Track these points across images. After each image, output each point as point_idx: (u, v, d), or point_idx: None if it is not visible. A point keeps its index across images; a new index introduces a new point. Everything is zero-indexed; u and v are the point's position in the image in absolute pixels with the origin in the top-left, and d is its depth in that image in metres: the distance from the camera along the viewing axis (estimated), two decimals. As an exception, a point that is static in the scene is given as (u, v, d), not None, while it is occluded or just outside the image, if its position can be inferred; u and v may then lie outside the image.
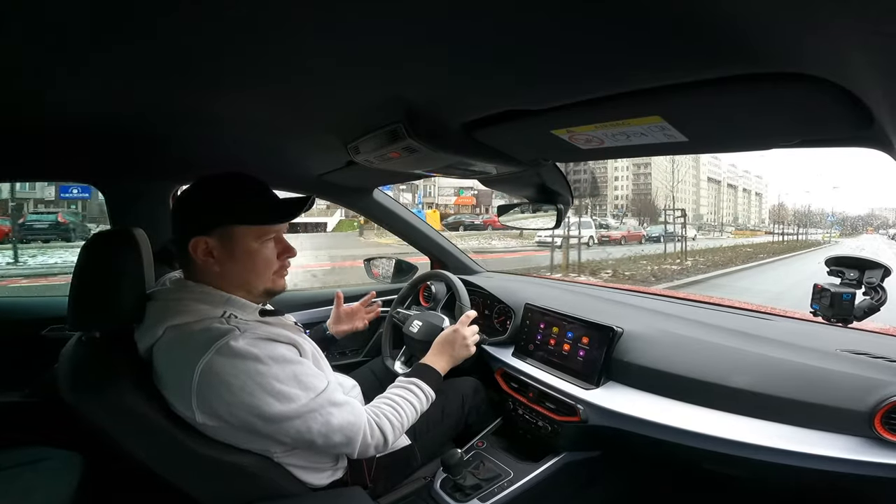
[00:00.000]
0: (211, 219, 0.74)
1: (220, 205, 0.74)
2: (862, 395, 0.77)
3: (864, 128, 0.51)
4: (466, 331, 1.07)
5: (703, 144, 0.69)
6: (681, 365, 0.96)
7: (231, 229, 0.74)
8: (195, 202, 0.76)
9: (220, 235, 0.74)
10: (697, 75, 0.47)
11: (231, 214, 0.74)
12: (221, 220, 0.74)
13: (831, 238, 33.73)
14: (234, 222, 0.74)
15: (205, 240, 0.73)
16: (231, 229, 0.74)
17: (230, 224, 0.74)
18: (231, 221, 0.74)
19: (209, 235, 0.73)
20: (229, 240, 0.74)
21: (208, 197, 0.75)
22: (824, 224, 56.56)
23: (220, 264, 0.75)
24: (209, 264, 0.74)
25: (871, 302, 0.76)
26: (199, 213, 0.74)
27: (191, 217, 0.75)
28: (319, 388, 0.74)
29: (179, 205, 0.77)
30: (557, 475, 1.07)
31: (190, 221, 0.74)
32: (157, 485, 0.70)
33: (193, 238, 0.73)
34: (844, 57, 0.38)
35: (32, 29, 0.45)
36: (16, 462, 0.94)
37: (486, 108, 0.67)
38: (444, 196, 34.83)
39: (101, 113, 0.76)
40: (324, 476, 0.83)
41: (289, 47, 0.48)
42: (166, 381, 0.71)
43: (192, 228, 0.73)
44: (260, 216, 0.75)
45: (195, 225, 0.74)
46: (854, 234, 52.24)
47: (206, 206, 0.74)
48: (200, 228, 0.73)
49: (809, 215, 62.22)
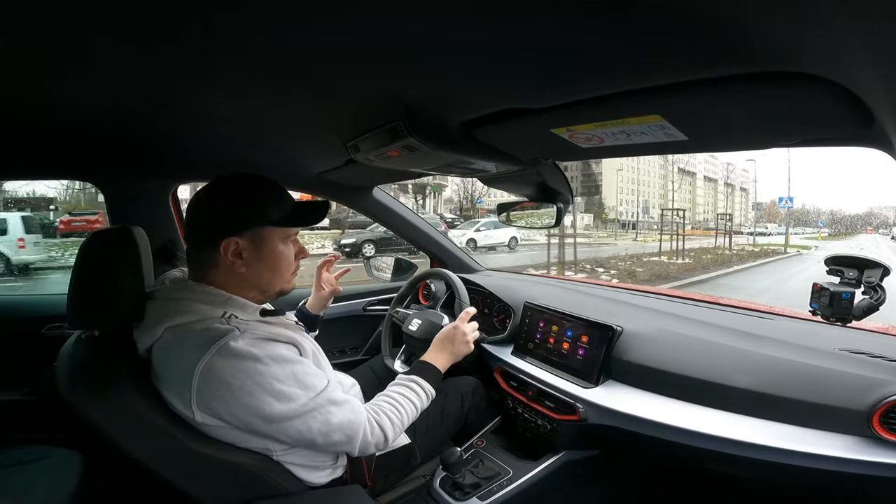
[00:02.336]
0: (243, 220, 0.75)
1: (252, 206, 0.75)
2: (860, 394, 0.77)
3: (864, 127, 0.51)
4: (466, 327, 1.07)
5: (703, 143, 0.69)
6: (680, 364, 0.96)
7: (261, 230, 0.75)
8: (223, 203, 0.76)
9: (251, 237, 0.75)
10: (698, 74, 0.47)
11: (263, 216, 0.75)
12: (254, 222, 0.75)
13: (813, 245, 22.06)
14: (267, 224, 0.75)
15: (236, 240, 0.74)
16: (261, 230, 0.75)
17: (262, 226, 0.75)
18: (264, 223, 0.75)
19: (240, 236, 0.74)
20: (259, 241, 0.76)
21: (238, 198, 0.76)
22: (812, 223, 54.06)
23: (248, 265, 0.75)
24: (237, 265, 0.75)
25: (871, 301, 0.76)
26: (230, 215, 0.75)
27: (219, 218, 0.75)
28: (319, 387, 0.74)
29: (201, 205, 0.76)
30: (556, 474, 1.07)
31: (218, 222, 0.75)
32: (155, 483, 0.70)
33: (225, 239, 0.73)
34: (845, 56, 0.38)
35: (32, 28, 0.44)
36: (15, 461, 0.94)
37: (486, 107, 0.67)
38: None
39: (101, 112, 0.76)
40: (323, 474, 0.83)
41: (289, 46, 0.48)
42: (166, 381, 0.71)
43: (222, 229, 0.74)
44: (291, 219, 0.77)
45: (225, 226, 0.74)
46: (849, 234, 46.99)
47: (237, 208, 0.75)
48: (232, 230, 0.74)
49: (795, 214, 58.90)
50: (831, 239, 41.05)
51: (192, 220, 0.77)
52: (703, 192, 71.91)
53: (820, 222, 59.92)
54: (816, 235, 43.17)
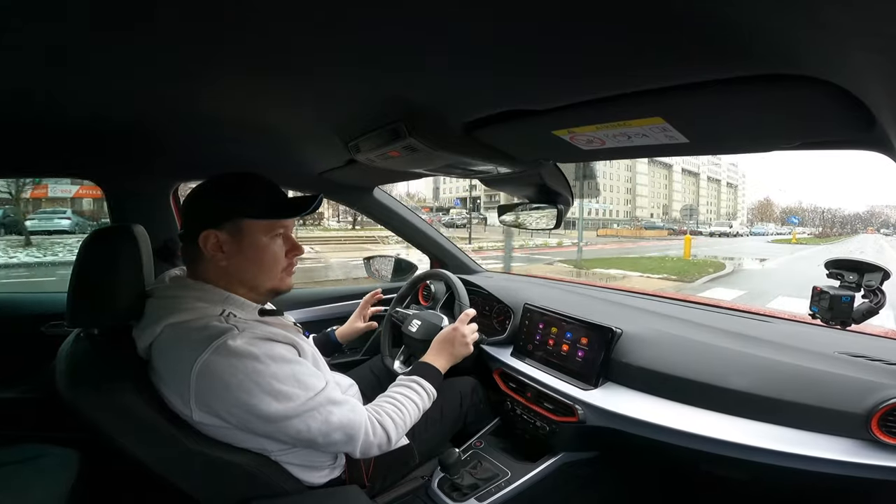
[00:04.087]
0: (221, 212, 0.75)
1: (229, 198, 0.76)
2: (860, 397, 0.77)
3: (865, 130, 0.51)
4: (465, 329, 1.07)
5: (704, 146, 0.69)
6: (679, 366, 0.96)
7: (240, 223, 0.75)
8: (206, 197, 0.77)
9: (230, 229, 0.75)
10: (699, 77, 0.47)
11: (240, 208, 0.75)
12: (231, 214, 0.75)
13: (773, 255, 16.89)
14: (243, 215, 0.75)
15: (215, 233, 0.74)
16: (240, 223, 0.75)
17: (239, 217, 0.75)
18: (240, 214, 0.75)
19: (219, 229, 0.74)
20: (238, 233, 0.75)
21: (219, 191, 0.77)
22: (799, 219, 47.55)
23: (229, 258, 0.76)
24: (218, 258, 0.75)
25: (870, 305, 0.76)
26: (210, 208, 0.76)
27: (201, 211, 0.76)
28: (318, 386, 0.74)
29: (190, 200, 0.78)
30: (555, 475, 1.07)
31: (200, 215, 0.76)
32: (153, 482, 0.70)
33: (204, 231, 0.74)
34: (846, 59, 0.38)
35: (32, 28, 0.44)
36: (13, 459, 0.93)
37: (486, 108, 0.67)
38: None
39: (101, 111, 0.76)
40: (321, 475, 0.83)
41: (289, 47, 0.48)
42: (164, 379, 0.71)
43: (203, 222, 0.74)
44: (268, 210, 0.77)
45: (205, 219, 0.75)
46: (844, 234, 41.70)
47: (217, 200, 0.76)
48: (211, 222, 0.74)
49: (793, 211, 53.19)
50: (814, 242, 32.00)
51: (182, 213, 0.80)
52: (681, 186, 68.71)
53: (792, 218, 49.57)
54: (790, 237, 32.54)
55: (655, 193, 61.63)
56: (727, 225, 34.41)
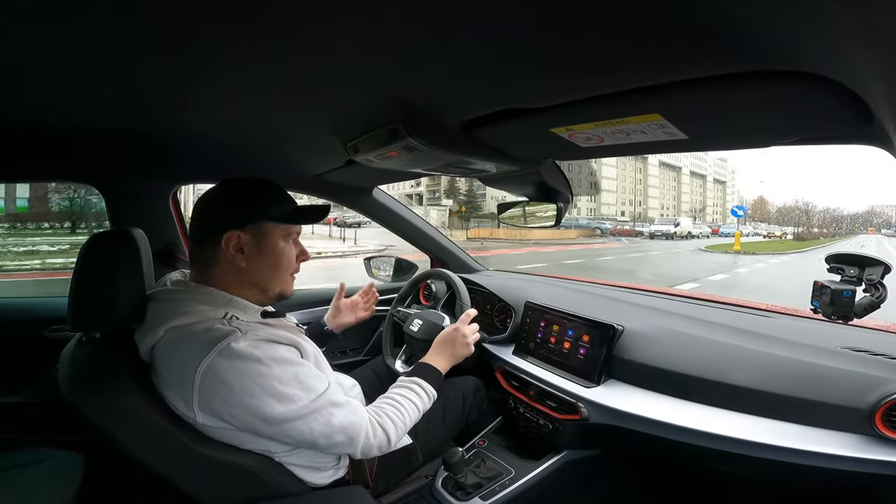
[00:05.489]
0: (246, 215, 0.77)
1: (255, 202, 0.79)
2: (862, 392, 0.77)
3: (863, 125, 0.51)
4: (467, 329, 1.07)
5: (702, 142, 0.69)
6: (681, 363, 0.96)
7: (263, 226, 0.78)
8: (229, 200, 0.79)
9: (253, 231, 0.77)
10: (697, 73, 0.47)
11: (265, 212, 0.78)
12: (256, 217, 0.77)
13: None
14: (269, 219, 0.78)
15: (238, 234, 0.76)
16: (263, 226, 0.78)
17: (264, 221, 0.78)
18: (265, 218, 0.78)
19: (243, 230, 0.76)
20: (261, 236, 0.78)
21: (243, 195, 0.79)
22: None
23: (248, 260, 0.78)
24: (238, 260, 0.77)
25: (872, 299, 0.76)
26: (234, 210, 0.78)
27: (223, 213, 0.78)
28: (320, 388, 0.74)
29: (207, 203, 0.80)
30: (558, 473, 1.07)
31: (223, 217, 0.77)
32: (157, 485, 0.70)
33: (227, 232, 0.75)
34: (844, 54, 0.38)
35: (32, 27, 0.45)
36: (17, 463, 0.94)
37: (485, 107, 0.67)
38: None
39: (100, 114, 0.76)
40: (325, 475, 0.83)
41: (288, 47, 0.48)
42: (167, 382, 0.71)
43: (226, 223, 0.76)
44: (291, 216, 0.80)
45: (229, 220, 0.77)
46: (842, 235, 34.13)
47: (242, 204, 0.78)
48: (236, 223, 0.76)
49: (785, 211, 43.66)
50: (774, 248, 20.98)
51: (197, 216, 0.80)
52: (659, 181, 64.12)
53: (737, 208, 32.53)
54: (731, 241, 20.44)
55: (623, 188, 57.79)
56: (671, 223, 28.76)
